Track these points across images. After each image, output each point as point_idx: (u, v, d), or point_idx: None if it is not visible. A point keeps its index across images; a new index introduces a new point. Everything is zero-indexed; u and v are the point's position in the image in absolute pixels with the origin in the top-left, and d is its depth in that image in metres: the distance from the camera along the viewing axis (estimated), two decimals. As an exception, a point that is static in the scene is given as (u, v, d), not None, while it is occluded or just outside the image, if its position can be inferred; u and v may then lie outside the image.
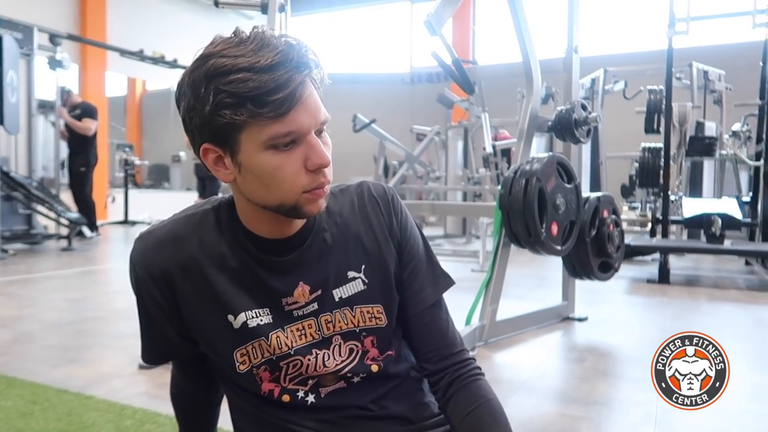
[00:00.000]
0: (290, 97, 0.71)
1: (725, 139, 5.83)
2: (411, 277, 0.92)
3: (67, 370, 2.12)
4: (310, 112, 0.74)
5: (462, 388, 0.91)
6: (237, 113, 0.71)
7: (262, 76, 0.70)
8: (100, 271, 4.94)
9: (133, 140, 13.92)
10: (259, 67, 0.70)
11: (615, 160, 8.28)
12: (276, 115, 0.71)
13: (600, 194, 2.98)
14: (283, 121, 0.72)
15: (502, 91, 7.49)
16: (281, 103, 0.71)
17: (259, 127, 0.72)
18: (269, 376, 0.86)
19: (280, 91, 0.70)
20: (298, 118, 0.73)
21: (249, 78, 0.70)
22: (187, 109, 0.75)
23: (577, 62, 3.09)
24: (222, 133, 0.74)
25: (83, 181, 6.69)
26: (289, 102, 0.71)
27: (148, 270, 0.84)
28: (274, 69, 0.70)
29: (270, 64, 0.70)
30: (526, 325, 2.85)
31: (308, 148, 0.75)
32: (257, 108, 0.70)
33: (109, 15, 10.42)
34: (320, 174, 0.77)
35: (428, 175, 7.34)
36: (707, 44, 9.46)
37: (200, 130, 0.75)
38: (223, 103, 0.71)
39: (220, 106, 0.71)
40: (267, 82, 0.70)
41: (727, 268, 5.31)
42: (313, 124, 0.75)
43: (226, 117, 0.71)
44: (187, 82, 0.75)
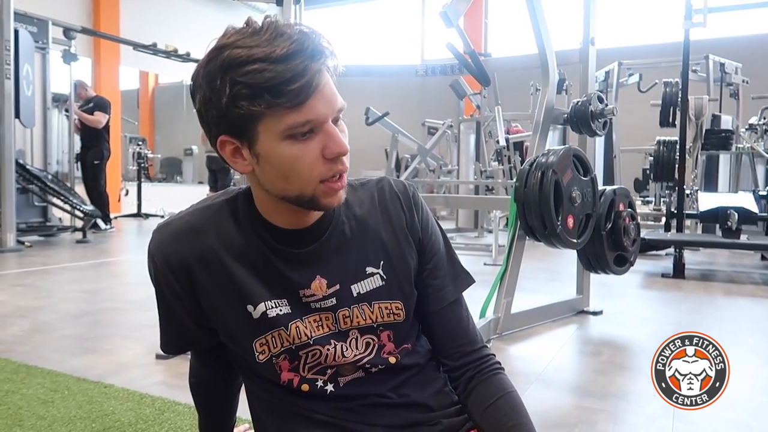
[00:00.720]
0: (307, 87, 0.71)
1: (742, 133, 5.75)
2: (432, 274, 0.92)
3: (85, 360, 2.15)
4: (327, 101, 0.74)
5: (482, 382, 0.92)
6: (254, 104, 0.71)
7: (278, 66, 0.70)
8: (115, 262, 4.98)
9: (146, 134, 14.00)
10: (275, 57, 0.70)
11: (628, 154, 8.21)
12: (293, 105, 0.71)
13: (616, 187, 2.96)
14: (301, 111, 0.72)
15: (515, 85, 7.44)
16: (298, 93, 0.71)
17: (276, 117, 0.72)
18: (288, 365, 0.87)
19: (297, 81, 0.70)
20: (315, 107, 0.73)
21: (265, 68, 0.69)
22: (203, 102, 0.75)
23: (593, 54, 3.06)
24: (239, 125, 0.74)
25: (97, 174, 6.75)
26: (306, 91, 0.71)
27: (167, 260, 0.84)
28: (290, 58, 0.70)
29: (286, 53, 0.70)
30: (540, 318, 2.84)
31: (326, 137, 0.75)
32: (274, 98, 0.70)
33: (122, 9, 10.47)
34: (338, 162, 0.77)
35: (440, 168, 7.32)
36: (724, 36, 9.33)
37: (217, 122, 0.75)
38: (240, 94, 0.71)
39: (237, 98, 0.71)
40: (283, 72, 0.70)
41: (743, 263, 5.26)
42: (330, 112, 0.75)
43: (243, 108, 0.71)
44: (202, 75, 0.74)
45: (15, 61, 5.23)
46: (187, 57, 8.34)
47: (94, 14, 10.03)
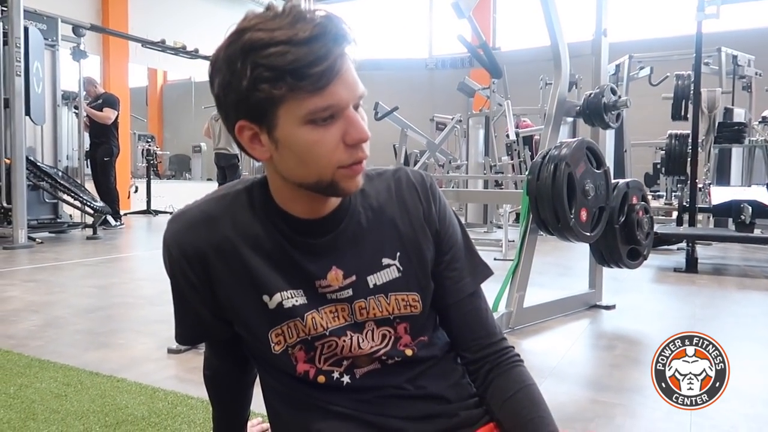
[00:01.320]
0: (329, 71, 0.69)
1: (755, 126, 5.69)
2: (450, 266, 0.91)
3: (98, 354, 2.15)
4: (349, 86, 0.73)
5: (501, 375, 0.90)
6: (276, 87, 0.69)
7: (300, 48, 0.68)
8: (126, 258, 5.00)
9: (155, 131, 14.05)
10: (297, 40, 0.68)
11: (638, 148, 8.15)
12: (315, 89, 0.70)
13: (629, 180, 2.93)
14: (323, 95, 0.70)
15: (524, 80, 7.41)
16: (321, 76, 0.69)
17: (297, 101, 0.70)
18: (304, 356, 0.85)
19: (320, 64, 0.69)
20: (337, 92, 0.71)
21: (287, 51, 0.68)
22: (222, 86, 0.73)
23: (605, 46, 3.03)
24: (259, 109, 0.72)
25: (106, 170, 6.77)
26: (329, 75, 0.70)
27: (182, 250, 0.83)
28: (312, 41, 0.69)
29: (308, 36, 0.69)
30: (553, 313, 2.82)
31: (347, 123, 0.73)
32: (297, 81, 0.69)
33: (131, 6, 10.50)
34: (358, 149, 0.75)
35: (450, 163, 7.29)
36: (736, 29, 9.23)
37: (236, 106, 0.74)
38: (262, 77, 0.69)
39: (258, 80, 0.69)
40: (306, 54, 0.68)
41: (756, 257, 5.21)
42: (351, 98, 0.73)
43: (265, 91, 0.70)
44: (222, 58, 0.73)
45: (25, 59, 5.25)
46: (196, 54, 8.36)
47: (102, 11, 10.06)
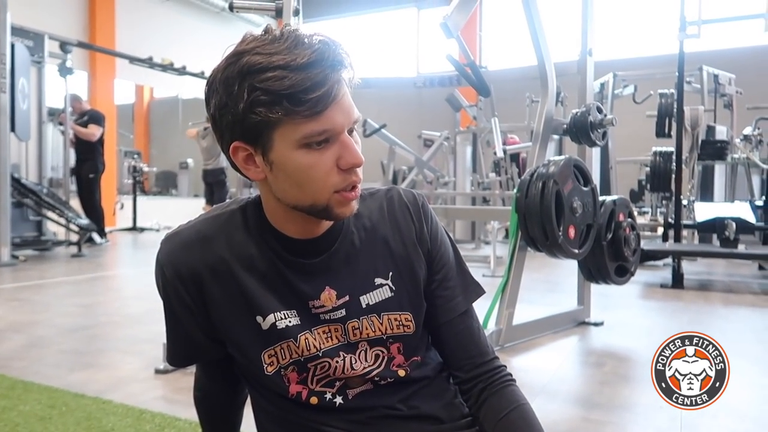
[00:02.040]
0: (326, 96, 0.70)
1: (737, 143, 5.79)
2: (442, 284, 0.91)
3: (83, 375, 2.11)
4: (345, 111, 0.74)
5: (494, 394, 0.90)
6: (272, 111, 0.70)
7: (298, 74, 0.69)
8: (111, 276, 4.94)
9: (141, 147, 13.99)
10: (295, 65, 0.69)
11: (624, 165, 8.25)
12: (312, 114, 0.71)
13: (616, 197, 2.96)
14: (319, 120, 0.71)
15: (510, 97, 7.48)
16: (317, 102, 0.70)
17: (293, 125, 0.71)
18: (297, 378, 0.85)
19: (317, 90, 0.70)
20: (333, 117, 0.72)
21: (285, 76, 0.69)
22: (218, 107, 0.74)
23: (591, 65, 3.07)
24: (254, 131, 0.73)
25: (92, 187, 6.71)
26: (325, 101, 0.71)
27: (176, 270, 0.83)
28: (310, 67, 0.69)
29: (306, 62, 0.69)
30: (542, 330, 2.82)
31: (341, 147, 0.74)
32: (293, 106, 0.70)
33: (118, 22, 10.49)
34: (352, 173, 0.76)
35: (438, 180, 7.33)
36: (716, 48, 9.43)
37: (231, 127, 0.74)
38: (258, 100, 0.70)
39: (255, 104, 0.70)
40: (303, 80, 0.69)
41: (741, 273, 5.27)
42: (346, 123, 0.74)
43: (261, 115, 0.70)
44: (219, 79, 0.74)
45: (11, 75, 5.22)
46: (183, 71, 8.35)
47: (90, 28, 10.04)
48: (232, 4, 2.61)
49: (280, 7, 2.52)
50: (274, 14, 2.59)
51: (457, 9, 2.40)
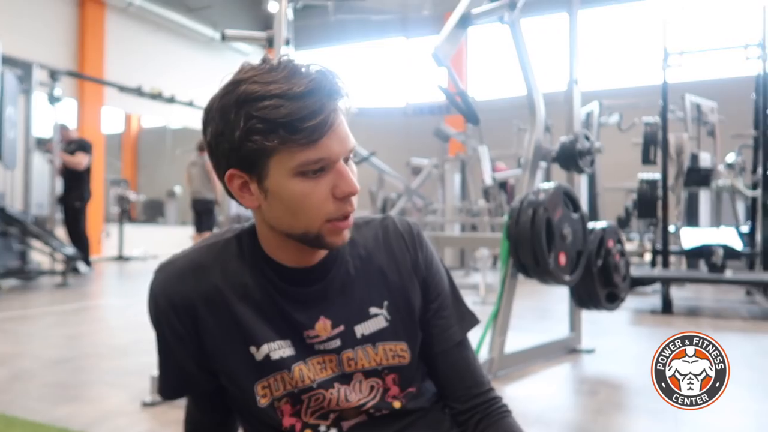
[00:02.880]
0: (322, 125, 0.71)
1: (721, 170, 5.88)
2: (437, 314, 0.90)
3: (68, 409, 2.06)
4: (341, 140, 0.74)
5: (491, 426, 0.89)
6: (268, 139, 0.70)
7: (295, 103, 0.70)
8: (97, 306, 4.86)
9: (129, 176, 13.92)
10: (292, 94, 0.70)
11: (610, 192, 8.34)
12: (308, 142, 0.71)
13: (605, 224, 2.98)
14: (315, 148, 0.72)
15: (497, 126, 7.57)
16: (313, 130, 0.71)
17: (289, 153, 0.71)
18: (291, 410, 0.83)
19: (313, 119, 0.70)
20: (329, 146, 0.72)
21: (281, 104, 0.70)
22: (215, 135, 0.75)
23: (578, 94, 3.13)
24: (250, 159, 0.73)
25: (77, 216, 6.65)
26: (321, 129, 0.71)
27: (170, 301, 0.81)
28: (306, 96, 0.70)
29: (303, 91, 0.70)
30: (534, 358, 2.81)
31: (337, 176, 0.75)
32: (289, 134, 0.70)
33: (108, 51, 10.54)
34: (347, 203, 0.76)
35: (427, 207, 7.35)
36: (699, 79, 9.65)
37: (227, 155, 0.74)
38: (255, 128, 0.70)
39: (251, 132, 0.71)
40: (300, 109, 0.70)
41: (728, 298, 5.30)
42: (342, 151, 0.75)
43: (257, 143, 0.71)
44: (216, 108, 0.74)
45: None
46: (172, 99, 8.38)
47: (79, 56, 10.07)
48: (224, 34, 2.64)
49: (271, 37, 2.54)
50: (266, 44, 2.61)
51: (446, 39, 2.44)
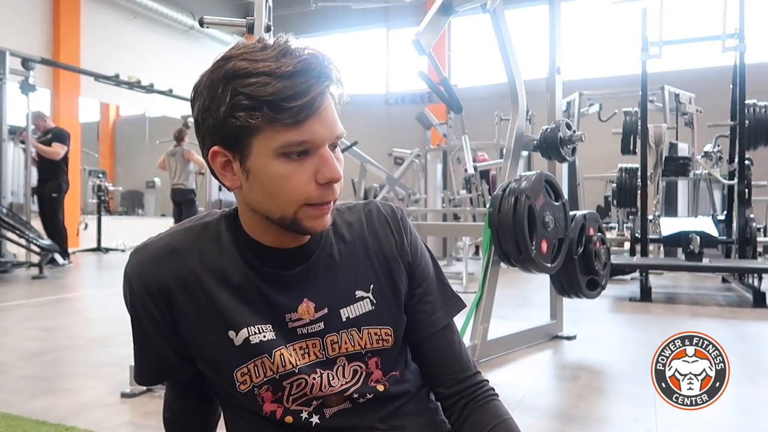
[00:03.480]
0: (308, 106, 0.70)
1: (698, 159, 5.96)
2: (423, 299, 0.90)
3: (45, 401, 2.02)
4: (327, 124, 0.73)
5: (477, 410, 0.89)
6: (252, 116, 0.70)
7: (282, 81, 0.69)
8: (75, 298, 4.78)
9: (106, 166, 13.70)
10: (279, 73, 0.69)
11: (590, 182, 8.41)
12: (292, 123, 0.70)
13: (586, 212, 3.00)
14: (299, 130, 0.71)
15: (479, 115, 7.58)
16: (299, 111, 0.70)
17: (273, 132, 0.70)
18: (271, 397, 0.82)
19: (299, 99, 0.69)
20: (313, 128, 0.71)
21: (268, 82, 0.69)
22: (202, 110, 0.74)
23: (559, 83, 3.14)
24: (234, 136, 0.72)
25: (54, 207, 6.52)
26: (307, 111, 0.70)
27: (145, 285, 0.80)
28: (294, 76, 0.69)
29: (291, 71, 0.69)
30: (516, 345, 2.83)
31: (320, 161, 0.73)
32: (274, 113, 0.69)
33: (83, 40, 10.32)
34: (329, 189, 0.75)
35: (409, 197, 7.35)
36: (677, 69, 9.76)
37: (212, 131, 0.74)
38: (240, 104, 0.70)
39: (236, 108, 0.70)
40: (286, 88, 0.69)
41: (705, 286, 5.39)
42: (328, 136, 0.73)
43: (241, 119, 0.70)
44: (205, 83, 0.74)
45: (-30, 92, 5.06)
46: (151, 88, 8.24)
47: (53, 44, 9.84)
48: (202, 20, 2.59)
49: (251, 24, 2.50)
50: (245, 30, 2.57)
51: (428, 27, 2.43)
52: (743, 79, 5.14)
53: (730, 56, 5.41)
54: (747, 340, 3.16)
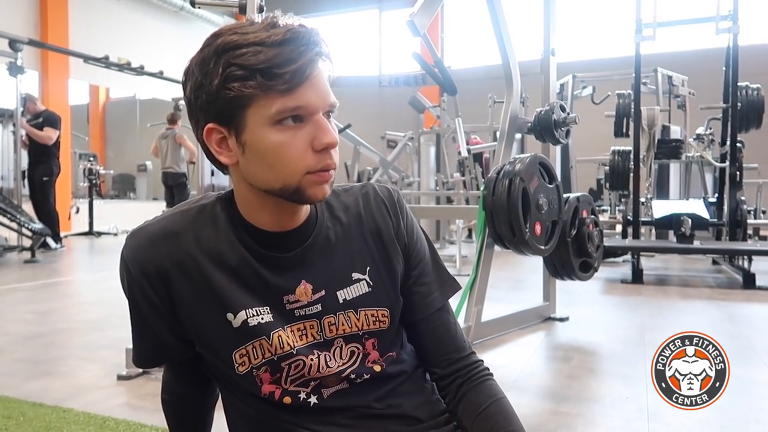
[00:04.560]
0: (300, 72, 0.71)
1: (690, 142, 5.98)
2: (418, 280, 0.91)
3: (41, 383, 2.02)
4: (319, 92, 0.74)
5: (472, 389, 0.90)
6: (246, 86, 0.70)
7: (272, 49, 0.70)
8: (67, 282, 4.77)
9: (97, 149, 13.59)
10: (270, 42, 0.70)
11: (582, 164, 8.43)
12: (286, 89, 0.71)
13: (579, 194, 3.01)
14: (292, 96, 0.71)
15: (472, 98, 7.54)
16: (291, 77, 0.70)
17: (267, 100, 0.71)
18: (270, 378, 0.83)
19: (290, 65, 0.70)
20: (306, 94, 0.72)
21: (260, 51, 0.70)
22: (194, 88, 0.74)
23: (554, 65, 3.12)
24: (228, 110, 0.73)
25: (46, 191, 6.47)
26: (299, 77, 0.71)
27: (142, 268, 0.80)
28: (284, 44, 0.71)
29: (281, 39, 0.71)
30: (510, 326, 2.85)
31: (316, 127, 0.74)
32: (267, 80, 0.70)
33: (72, 20, 10.16)
34: (327, 155, 0.75)
35: (402, 180, 7.34)
36: (671, 51, 9.75)
37: (206, 108, 0.74)
38: (233, 75, 0.70)
39: (229, 79, 0.71)
40: (277, 55, 0.70)
41: (696, 268, 5.44)
42: (321, 104, 0.74)
43: (234, 89, 0.71)
44: (196, 61, 0.74)
45: (-43, 74, 4.98)
46: (141, 70, 8.13)
47: (41, 25, 9.69)
48: (193, 1, 2.56)
49: (244, 4, 2.47)
50: (237, 10, 2.54)
51: (422, 8, 2.41)
52: (736, 62, 5.14)
53: (724, 38, 5.40)
54: (737, 321, 3.21)
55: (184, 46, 12.34)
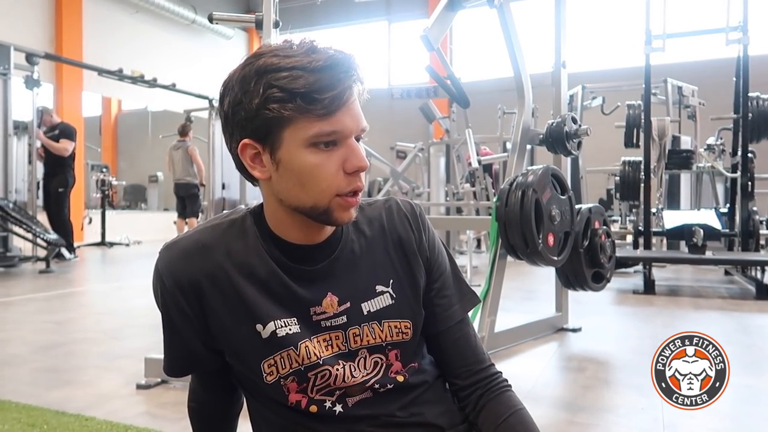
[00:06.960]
0: (338, 98, 0.74)
1: (701, 152, 5.97)
2: (439, 293, 0.93)
3: (63, 392, 2.06)
4: (354, 116, 0.77)
5: (492, 400, 0.92)
6: (285, 108, 0.73)
7: (313, 75, 0.73)
8: (83, 292, 4.82)
9: (109, 161, 13.74)
10: (311, 68, 0.73)
11: (593, 175, 8.41)
12: (323, 114, 0.74)
13: (591, 205, 3.03)
14: (329, 121, 0.74)
15: (481, 109, 7.55)
16: (330, 103, 0.73)
17: (304, 123, 0.74)
18: (296, 387, 0.85)
19: (330, 91, 0.73)
20: (343, 120, 0.75)
21: (300, 75, 0.73)
22: (233, 104, 0.77)
23: (565, 77, 3.15)
24: (265, 128, 0.75)
25: (61, 202, 6.56)
26: (337, 102, 0.74)
27: (176, 280, 0.82)
28: (325, 70, 0.73)
29: (321, 65, 0.73)
30: (523, 337, 2.86)
31: (348, 151, 0.77)
32: (306, 104, 0.73)
33: (86, 34, 10.32)
34: (357, 178, 0.78)
35: (413, 191, 7.37)
36: (680, 61, 9.74)
37: (243, 124, 0.77)
38: (273, 97, 0.73)
39: (269, 100, 0.73)
40: (318, 81, 0.73)
41: (708, 278, 5.42)
42: (355, 128, 0.77)
43: (274, 111, 0.73)
44: (236, 78, 0.77)
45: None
46: (154, 83, 8.24)
47: (56, 39, 9.85)
48: (211, 16, 2.61)
49: (260, 20, 2.53)
50: (254, 26, 2.59)
51: (436, 22, 2.45)
52: (746, 72, 5.14)
53: (734, 49, 5.40)
54: (750, 332, 3.20)
55: (195, 58, 12.49)
